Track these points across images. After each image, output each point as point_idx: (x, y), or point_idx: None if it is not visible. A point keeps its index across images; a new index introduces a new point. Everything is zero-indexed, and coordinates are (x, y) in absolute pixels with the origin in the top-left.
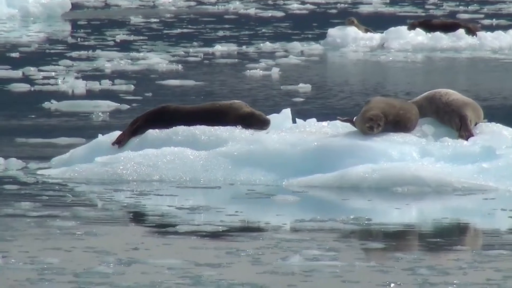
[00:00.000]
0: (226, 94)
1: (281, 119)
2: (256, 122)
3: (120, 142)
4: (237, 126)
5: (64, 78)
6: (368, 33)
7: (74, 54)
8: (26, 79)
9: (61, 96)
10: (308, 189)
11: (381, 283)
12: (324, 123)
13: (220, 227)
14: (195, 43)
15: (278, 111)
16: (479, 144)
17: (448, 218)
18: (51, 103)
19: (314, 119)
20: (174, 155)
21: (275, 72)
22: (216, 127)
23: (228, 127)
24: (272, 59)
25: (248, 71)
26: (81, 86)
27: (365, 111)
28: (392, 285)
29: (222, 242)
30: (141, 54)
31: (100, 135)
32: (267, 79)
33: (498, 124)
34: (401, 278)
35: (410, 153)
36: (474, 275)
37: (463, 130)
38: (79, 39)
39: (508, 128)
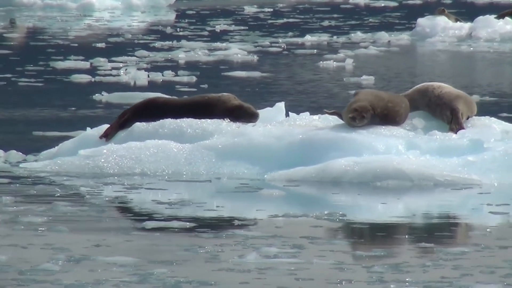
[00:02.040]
0: (284, 86)
1: (274, 112)
2: (244, 115)
3: (107, 136)
4: (225, 119)
5: (126, 69)
6: (458, 22)
7: (158, 44)
8: (92, 70)
9: (121, 87)
10: (289, 182)
11: (334, 280)
12: (315, 117)
13: (187, 224)
14: (290, 33)
15: (318, 106)
16: (467, 137)
17: (423, 214)
18: (102, 95)
19: (307, 113)
20: (157, 148)
21: (349, 63)
22: (203, 120)
23: (215, 120)
24: (351, 50)
25: (321, 62)
26: (143, 77)
27: (352, 103)
28: (343, 282)
29: (185, 238)
30: (224, 44)
31: (88, 128)
32: (337, 70)
33: (492, 118)
34: (356, 276)
35: (396, 146)
36: (433, 272)
37: (454, 123)
38: (178, 29)
39: (502, 122)
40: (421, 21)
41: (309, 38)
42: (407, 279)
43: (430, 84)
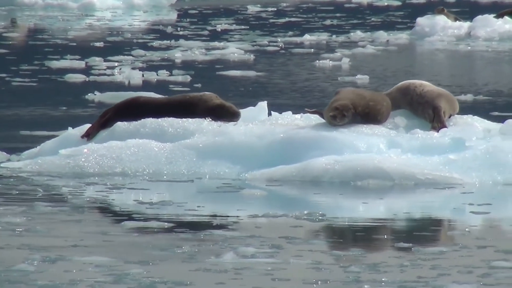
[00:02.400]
0: (278, 86)
1: (257, 111)
2: (226, 114)
3: (89, 135)
4: (207, 118)
5: (120, 69)
6: (457, 21)
7: (156, 43)
8: (87, 69)
9: (115, 87)
10: (270, 182)
11: (311, 280)
12: (297, 116)
13: (166, 224)
14: (290, 32)
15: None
16: (449, 135)
17: (403, 213)
18: (95, 94)
19: (289, 112)
20: (138, 147)
21: (345, 62)
22: (184, 119)
23: (197, 119)
24: (349, 49)
25: (317, 61)
26: (137, 77)
27: (333, 102)
28: (319, 282)
29: (163, 238)
30: (221, 43)
31: (70, 128)
32: (333, 69)
33: (475, 116)
34: (333, 276)
35: (377, 145)
36: (410, 272)
37: (436, 121)
38: (178, 28)
39: (484, 120)
40: (420, 20)
41: (308, 38)
42: (383, 279)
43: (411, 82)
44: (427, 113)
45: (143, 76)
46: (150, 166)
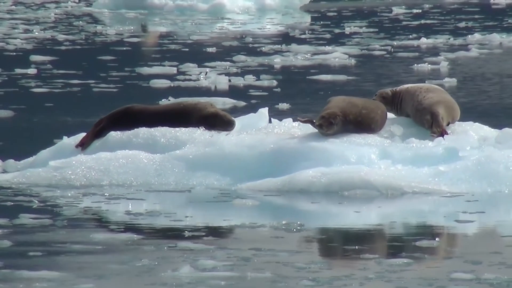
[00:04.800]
0: (360, 89)
1: (257, 118)
2: (220, 122)
3: (83, 145)
4: (200, 127)
5: (206, 74)
6: None
7: (267, 48)
8: (177, 75)
9: (198, 92)
10: (255, 193)
11: None
12: (295, 124)
13: (135, 236)
14: (414, 35)
15: None
16: (443, 145)
17: (381, 223)
18: (168, 100)
19: (289, 119)
20: (127, 159)
21: (443, 66)
22: (177, 129)
23: (189, 129)
24: (452, 52)
25: (415, 65)
26: (223, 82)
27: (322, 110)
28: None
29: (125, 251)
30: (330, 48)
31: (65, 137)
32: (427, 73)
33: (476, 123)
34: None
35: (368, 155)
36: (369, 285)
37: (435, 126)
38: (307, 31)
39: (484, 127)
40: None
41: (424, 41)
42: None
43: (419, 87)
44: (425, 119)
45: (229, 81)
46: (138, 178)
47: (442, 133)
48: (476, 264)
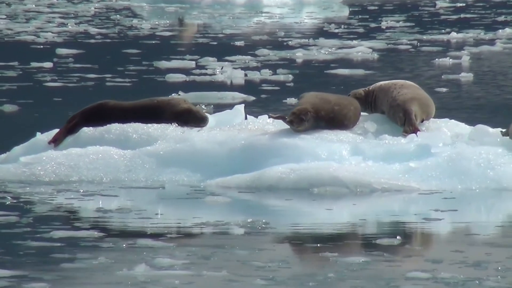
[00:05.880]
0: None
1: (233, 115)
2: (193, 119)
3: (56, 141)
4: (173, 124)
5: (222, 68)
6: None
7: (294, 42)
8: (193, 69)
9: (213, 87)
10: (224, 190)
11: None
12: (270, 120)
13: (96, 233)
14: (443, 30)
15: None
16: (415, 142)
17: (347, 221)
18: (179, 94)
19: (265, 116)
20: (97, 155)
21: (465, 60)
22: (150, 125)
23: (162, 125)
24: (476, 46)
25: (436, 59)
26: (239, 76)
27: (294, 107)
28: None
29: (84, 249)
30: (355, 42)
31: (38, 134)
32: (447, 67)
33: (453, 120)
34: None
35: (339, 152)
36: (325, 284)
37: (407, 124)
38: (342, 26)
39: (459, 123)
40: None
41: (454, 35)
42: None
43: (393, 83)
44: (398, 116)
45: (246, 75)
46: (108, 174)
47: (415, 132)
48: (436, 263)
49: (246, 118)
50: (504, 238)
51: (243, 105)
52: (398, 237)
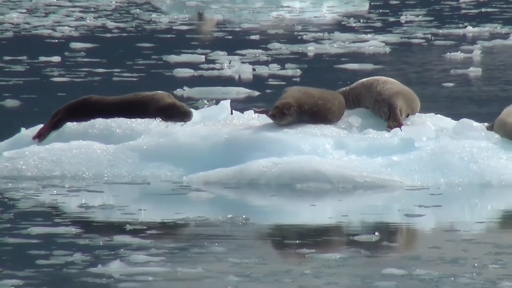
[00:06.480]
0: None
1: (219, 110)
2: (177, 113)
3: (40, 136)
4: (157, 118)
5: (230, 63)
6: None
7: (308, 36)
8: (201, 63)
9: (221, 81)
10: (206, 185)
11: None
12: (255, 115)
13: (73, 229)
14: (460, 25)
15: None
16: (399, 136)
17: (324, 219)
18: (183, 89)
19: (251, 111)
20: (80, 150)
21: (476, 54)
22: (133, 120)
23: (146, 120)
24: (489, 40)
25: (448, 53)
26: (247, 71)
27: (277, 101)
28: None
29: (60, 245)
30: (369, 36)
31: (23, 129)
32: (459, 61)
33: (439, 115)
34: (215, 285)
35: (322, 146)
36: (300, 280)
37: (392, 120)
38: (361, 20)
39: (445, 118)
40: None
41: (470, 29)
42: None
43: (376, 79)
44: (383, 111)
45: (254, 70)
46: (91, 169)
47: (399, 126)
48: (413, 260)
49: (232, 113)
50: (483, 235)
51: (229, 100)
52: (376, 233)
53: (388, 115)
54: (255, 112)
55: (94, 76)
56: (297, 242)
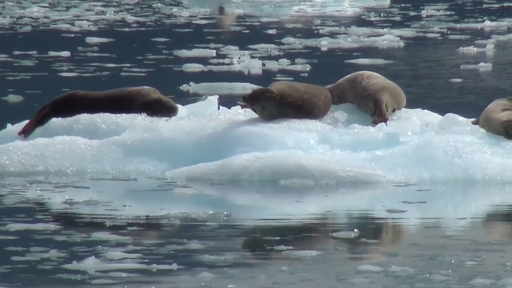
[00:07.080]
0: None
1: (206, 106)
2: (162, 108)
3: (25, 132)
4: (143, 113)
5: (239, 58)
6: None
7: (325, 30)
8: (211, 58)
9: (229, 77)
10: (189, 180)
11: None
12: (240, 110)
13: (52, 225)
14: (479, 19)
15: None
16: (384, 130)
17: (308, 213)
18: (189, 85)
19: (238, 107)
20: (64, 145)
21: (489, 49)
22: (118, 115)
23: (131, 115)
24: (504, 35)
25: (460, 48)
26: (257, 66)
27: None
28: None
29: (37, 242)
30: (385, 30)
31: (9, 125)
32: (471, 56)
33: (425, 110)
34: (185, 281)
35: (307, 140)
36: (275, 277)
37: (377, 115)
38: (381, 14)
39: (431, 113)
40: None
41: (488, 24)
42: (229, 286)
43: (360, 74)
44: (369, 106)
45: (263, 65)
46: (74, 164)
47: (384, 121)
48: (391, 256)
49: (219, 108)
50: (463, 231)
51: (217, 96)
52: (355, 230)
53: (374, 110)
54: (240, 105)
55: (103, 71)
56: (276, 238)
